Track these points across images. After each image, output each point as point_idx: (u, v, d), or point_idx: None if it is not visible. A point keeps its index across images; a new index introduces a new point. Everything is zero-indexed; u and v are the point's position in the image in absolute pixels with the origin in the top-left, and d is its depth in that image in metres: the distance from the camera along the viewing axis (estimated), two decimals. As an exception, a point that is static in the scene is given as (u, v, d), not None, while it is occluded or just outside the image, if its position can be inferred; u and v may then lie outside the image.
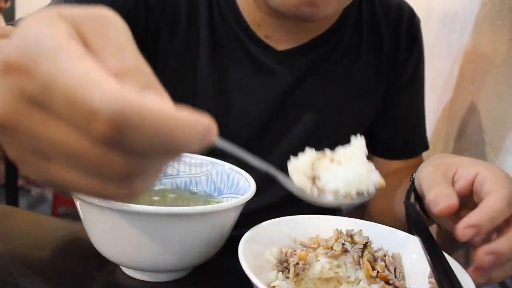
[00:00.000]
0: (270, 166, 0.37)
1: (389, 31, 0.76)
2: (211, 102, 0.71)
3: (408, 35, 0.77)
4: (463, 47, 0.95)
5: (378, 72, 0.76)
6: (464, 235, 0.40)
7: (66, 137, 0.21)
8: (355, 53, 0.74)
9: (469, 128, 0.84)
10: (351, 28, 0.74)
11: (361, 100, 0.76)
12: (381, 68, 0.76)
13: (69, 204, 2.67)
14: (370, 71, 0.76)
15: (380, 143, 0.83)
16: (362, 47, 0.75)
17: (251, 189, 0.50)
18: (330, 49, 0.73)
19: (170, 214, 0.42)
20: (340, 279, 0.46)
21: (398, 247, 0.48)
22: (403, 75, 0.78)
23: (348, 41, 0.74)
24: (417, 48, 0.78)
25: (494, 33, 0.78)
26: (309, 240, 0.49)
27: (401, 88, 0.79)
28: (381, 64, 0.76)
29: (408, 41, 0.77)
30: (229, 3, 0.70)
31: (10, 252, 0.52)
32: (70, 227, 0.60)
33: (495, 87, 0.74)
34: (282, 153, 0.73)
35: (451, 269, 0.40)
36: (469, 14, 0.93)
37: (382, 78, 0.77)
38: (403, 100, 0.80)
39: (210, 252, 0.48)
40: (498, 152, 0.70)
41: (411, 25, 0.77)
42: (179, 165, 0.60)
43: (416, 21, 0.78)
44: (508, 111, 0.68)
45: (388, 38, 0.76)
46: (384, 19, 0.76)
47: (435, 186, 0.45)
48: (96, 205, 0.42)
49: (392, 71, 0.77)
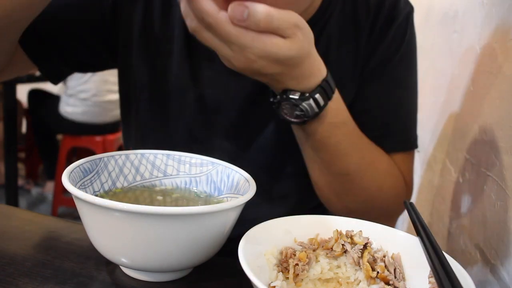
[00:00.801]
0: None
1: (370, 14, 0.70)
2: (185, 100, 0.71)
3: (387, 18, 0.70)
4: (463, 47, 0.95)
5: (355, 61, 0.71)
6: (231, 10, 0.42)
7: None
8: (336, 44, 0.70)
9: (469, 128, 0.84)
10: (334, 18, 0.70)
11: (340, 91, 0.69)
12: (358, 56, 0.71)
13: (69, 204, 2.67)
14: (349, 61, 0.71)
15: None
16: (344, 36, 0.70)
17: (251, 189, 0.50)
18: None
19: (170, 214, 0.42)
20: (340, 279, 0.46)
21: (398, 247, 0.48)
22: (372, 58, 0.71)
23: (331, 31, 0.70)
24: (393, 32, 0.70)
25: (494, 33, 0.78)
26: (309, 240, 0.49)
27: (371, 72, 0.71)
28: (357, 52, 0.71)
29: (384, 24, 0.70)
30: None
31: (10, 252, 0.52)
32: (70, 227, 0.60)
33: (496, 87, 0.74)
34: (258, 150, 0.72)
35: (451, 269, 0.40)
36: (469, 14, 0.93)
37: (358, 66, 0.71)
38: (374, 87, 0.72)
39: (210, 252, 0.48)
40: (498, 152, 0.70)
41: (393, 9, 0.71)
42: (179, 165, 0.61)
43: (400, 6, 0.71)
44: (508, 111, 0.68)
45: (366, 25, 0.71)
46: (365, 5, 0.71)
47: None
48: (96, 205, 0.42)
49: (365, 56, 0.71)
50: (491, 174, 0.72)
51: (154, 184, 0.60)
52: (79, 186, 0.51)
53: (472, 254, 0.75)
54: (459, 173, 0.87)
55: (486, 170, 0.74)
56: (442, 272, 0.40)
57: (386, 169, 0.71)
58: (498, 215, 0.66)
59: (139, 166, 0.59)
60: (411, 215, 0.51)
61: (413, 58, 0.75)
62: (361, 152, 0.67)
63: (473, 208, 0.78)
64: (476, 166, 0.79)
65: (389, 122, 0.73)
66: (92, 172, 0.54)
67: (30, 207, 2.92)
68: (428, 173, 0.98)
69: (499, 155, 0.69)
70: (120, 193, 0.56)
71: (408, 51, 0.73)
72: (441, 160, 1.02)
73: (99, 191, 0.55)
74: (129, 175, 0.58)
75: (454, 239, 0.84)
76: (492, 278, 0.66)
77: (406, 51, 0.73)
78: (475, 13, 0.89)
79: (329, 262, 0.46)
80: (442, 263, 0.41)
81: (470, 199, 0.80)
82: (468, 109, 0.87)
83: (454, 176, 0.90)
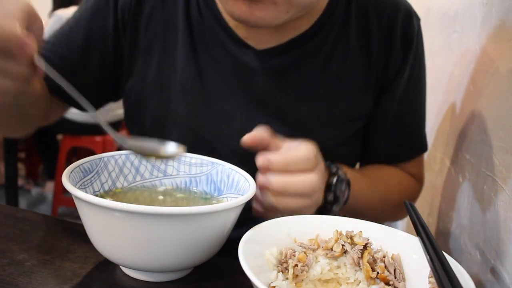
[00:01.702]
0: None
1: (380, 32, 0.72)
2: (191, 102, 0.71)
3: (403, 39, 0.72)
4: (463, 47, 0.95)
5: (367, 75, 0.72)
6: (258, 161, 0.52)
7: None
8: (341, 53, 0.71)
9: (469, 128, 0.84)
10: (337, 27, 0.71)
11: (346, 102, 0.73)
12: (370, 70, 0.72)
13: (69, 204, 2.67)
14: (357, 72, 0.72)
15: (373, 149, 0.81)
16: (350, 47, 0.71)
17: (251, 189, 0.50)
18: (314, 49, 0.70)
19: (170, 214, 0.42)
20: (340, 280, 0.46)
21: (398, 247, 0.48)
22: (397, 80, 0.74)
23: (334, 41, 0.71)
24: (413, 52, 0.74)
25: (494, 33, 0.78)
26: (309, 241, 0.49)
27: (394, 93, 0.75)
28: (369, 67, 0.72)
29: (403, 45, 0.72)
30: (208, 4, 0.70)
31: (10, 252, 0.52)
32: (70, 227, 0.60)
33: (495, 87, 0.74)
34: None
35: (451, 269, 0.40)
36: (469, 14, 0.93)
37: (371, 81, 0.73)
38: (398, 106, 0.76)
39: (210, 252, 0.48)
40: (498, 152, 0.70)
41: (407, 27, 0.72)
42: (179, 165, 0.61)
43: (413, 23, 0.73)
44: (508, 112, 0.68)
45: (378, 39, 0.72)
46: (375, 19, 0.71)
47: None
48: (96, 205, 0.42)
49: (383, 76, 0.73)
50: (491, 174, 0.72)
51: (154, 184, 0.60)
52: (79, 186, 0.51)
53: (472, 254, 0.75)
54: (459, 173, 0.87)
55: (486, 170, 0.74)
56: (442, 272, 0.40)
57: (401, 190, 0.80)
58: (498, 215, 0.66)
59: (139, 166, 0.59)
60: (411, 215, 0.51)
61: (424, 67, 0.79)
62: (379, 199, 0.77)
63: (473, 208, 0.78)
64: (476, 166, 0.79)
65: (408, 133, 0.80)
66: (92, 172, 0.54)
67: (30, 207, 2.92)
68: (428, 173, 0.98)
69: (499, 155, 0.69)
70: (120, 193, 0.56)
71: (421, 63, 0.78)
72: (441, 160, 1.02)
73: (99, 191, 0.55)
74: (129, 175, 0.58)
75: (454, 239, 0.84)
76: (492, 278, 0.66)
77: (420, 64, 0.77)
78: (475, 13, 0.89)
79: (329, 262, 0.46)
80: (442, 263, 0.41)
81: (470, 199, 0.80)
82: (468, 109, 0.87)
83: (454, 176, 0.90)
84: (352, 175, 0.70)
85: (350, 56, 0.71)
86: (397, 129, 0.78)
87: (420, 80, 0.79)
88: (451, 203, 0.91)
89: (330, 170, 0.66)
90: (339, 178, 0.64)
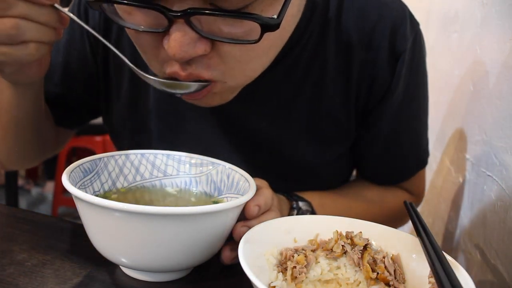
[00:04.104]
0: None
1: (362, 47, 0.64)
2: (165, 122, 0.71)
3: (392, 52, 0.64)
4: (463, 47, 0.95)
5: (346, 96, 0.67)
6: (253, 212, 0.51)
7: None
8: (316, 74, 0.65)
9: (469, 128, 0.84)
10: (312, 45, 0.64)
11: (324, 123, 0.68)
12: (349, 91, 0.66)
13: (69, 204, 2.67)
14: (335, 94, 0.66)
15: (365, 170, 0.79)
16: (327, 67, 0.65)
17: (251, 189, 0.50)
18: (285, 71, 0.65)
19: (170, 214, 0.42)
20: (340, 280, 0.46)
21: (398, 247, 0.48)
22: (385, 100, 0.67)
23: (308, 61, 0.65)
24: (406, 65, 0.65)
25: (494, 33, 0.78)
26: (309, 241, 0.49)
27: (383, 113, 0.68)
28: (348, 88, 0.66)
29: (391, 60, 0.65)
30: None
31: (10, 252, 0.52)
32: (70, 227, 0.60)
33: (495, 87, 0.74)
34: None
35: (451, 269, 0.40)
36: (469, 14, 0.93)
37: (350, 102, 0.67)
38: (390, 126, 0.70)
39: (210, 252, 0.48)
40: (498, 152, 0.70)
41: (395, 39, 0.64)
42: (179, 165, 0.61)
43: (404, 33, 0.64)
44: (508, 111, 0.68)
45: (360, 59, 0.65)
46: (355, 34, 0.64)
47: None
48: (96, 205, 0.42)
49: (368, 96, 0.67)
50: (491, 174, 0.72)
51: (154, 184, 0.60)
52: (79, 186, 0.51)
53: (472, 254, 0.75)
54: (459, 173, 0.87)
55: (486, 170, 0.74)
56: (442, 272, 0.40)
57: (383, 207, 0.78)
58: (498, 215, 0.66)
59: (139, 166, 0.59)
60: (411, 215, 0.51)
61: (423, 79, 0.72)
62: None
63: (473, 208, 0.78)
64: (476, 166, 0.79)
65: (402, 154, 0.75)
66: (92, 172, 0.54)
67: (30, 207, 2.92)
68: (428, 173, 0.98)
69: (499, 155, 0.69)
70: (120, 193, 0.56)
71: (420, 75, 0.70)
72: (441, 160, 1.02)
73: (99, 191, 0.55)
74: (129, 175, 0.58)
75: (454, 239, 0.84)
76: (492, 278, 0.66)
77: (418, 77, 0.70)
78: (475, 13, 0.89)
79: (329, 263, 0.46)
80: (442, 263, 0.41)
81: (470, 199, 0.80)
82: (468, 109, 0.87)
83: (454, 176, 0.90)
84: (321, 201, 0.70)
85: (327, 76, 0.65)
86: (390, 149, 0.73)
87: (418, 94, 0.71)
88: (451, 203, 0.91)
89: (290, 203, 0.66)
90: (299, 210, 0.66)
